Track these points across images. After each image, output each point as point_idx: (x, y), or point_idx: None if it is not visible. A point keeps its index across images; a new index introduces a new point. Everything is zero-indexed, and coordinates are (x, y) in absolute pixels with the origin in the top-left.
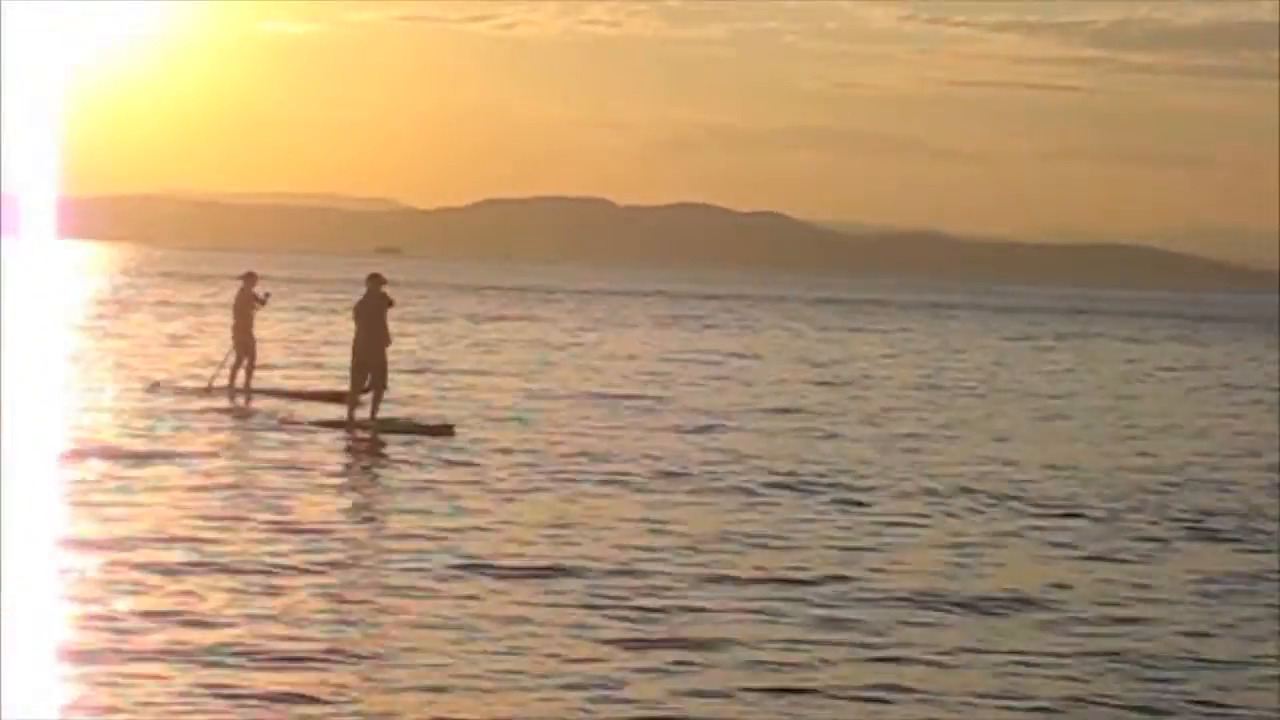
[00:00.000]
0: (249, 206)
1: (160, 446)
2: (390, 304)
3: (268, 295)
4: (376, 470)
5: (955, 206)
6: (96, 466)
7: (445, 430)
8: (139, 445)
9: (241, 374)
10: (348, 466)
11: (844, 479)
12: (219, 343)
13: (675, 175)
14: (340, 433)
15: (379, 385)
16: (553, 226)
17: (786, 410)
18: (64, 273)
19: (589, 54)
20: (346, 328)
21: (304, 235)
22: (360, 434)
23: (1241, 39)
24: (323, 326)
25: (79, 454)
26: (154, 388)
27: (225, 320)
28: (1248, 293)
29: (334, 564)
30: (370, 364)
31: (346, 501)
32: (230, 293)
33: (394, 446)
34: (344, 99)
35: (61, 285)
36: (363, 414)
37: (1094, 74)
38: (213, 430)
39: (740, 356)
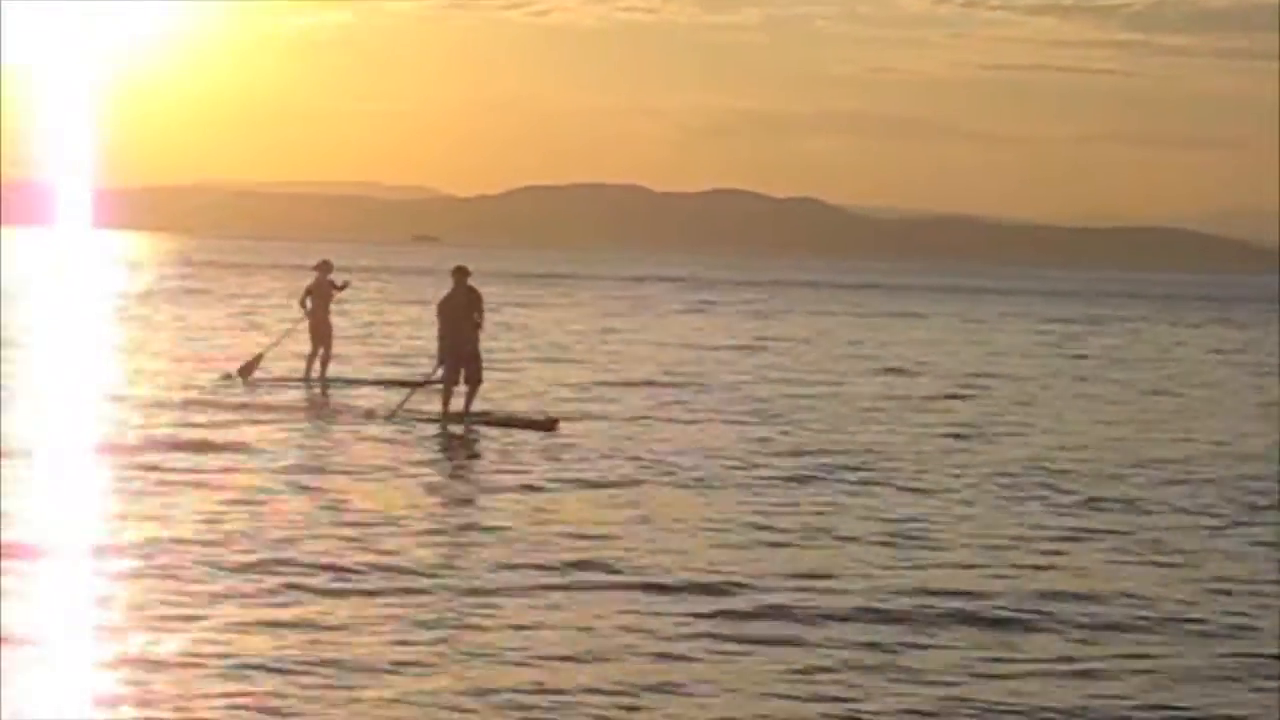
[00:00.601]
0: (286, 195)
1: (248, 439)
2: (477, 296)
3: (346, 283)
4: (481, 467)
5: (989, 190)
6: (185, 459)
7: (549, 424)
8: (227, 437)
9: (317, 364)
10: (452, 462)
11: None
12: (277, 331)
13: (711, 162)
14: (435, 428)
15: (474, 380)
16: (589, 214)
17: (876, 407)
18: (111, 263)
19: (624, 41)
20: (400, 315)
21: (342, 224)
22: (455, 428)
23: (1277, 21)
24: (371, 315)
25: (166, 445)
26: (228, 378)
27: (280, 309)
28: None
29: (445, 567)
30: (462, 358)
31: (455, 499)
32: (272, 281)
33: (496, 441)
34: (379, 89)
35: (111, 275)
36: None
37: (1129, 57)
38: (301, 422)
39: (801, 341)
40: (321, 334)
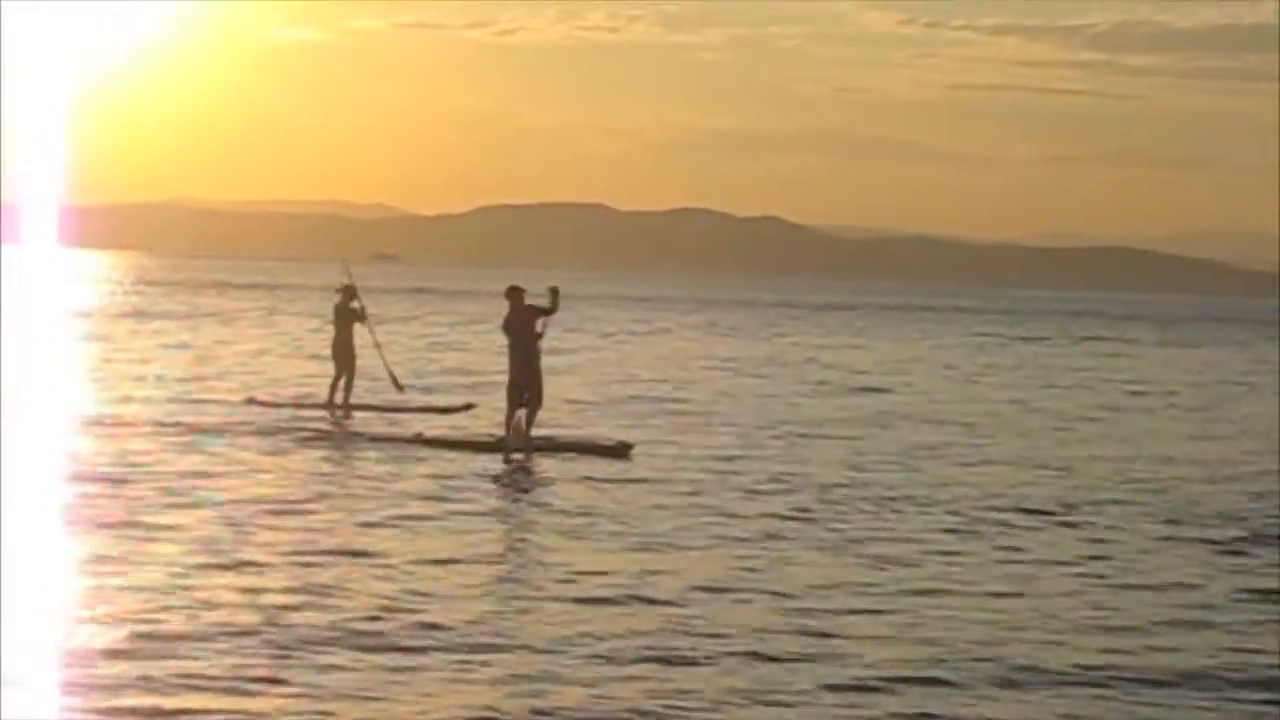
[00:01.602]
0: (253, 214)
1: (293, 468)
2: (536, 314)
3: (362, 309)
4: (548, 498)
5: (956, 210)
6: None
7: (621, 450)
8: (278, 468)
9: (340, 389)
10: (512, 492)
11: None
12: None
13: (675, 180)
14: (496, 455)
15: (535, 403)
16: (553, 232)
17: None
18: (81, 281)
19: (588, 59)
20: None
21: (306, 243)
22: (516, 455)
23: (1243, 41)
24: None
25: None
26: (251, 402)
27: (275, 332)
28: (1253, 297)
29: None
30: (525, 380)
31: (525, 537)
32: (246, 303)
33: (561, 467)
34: (346, 106)
35: (84, 293)
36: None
37: (1095, 77)
38: (338, 449)
39: (803, 364)
40: (344, 358)
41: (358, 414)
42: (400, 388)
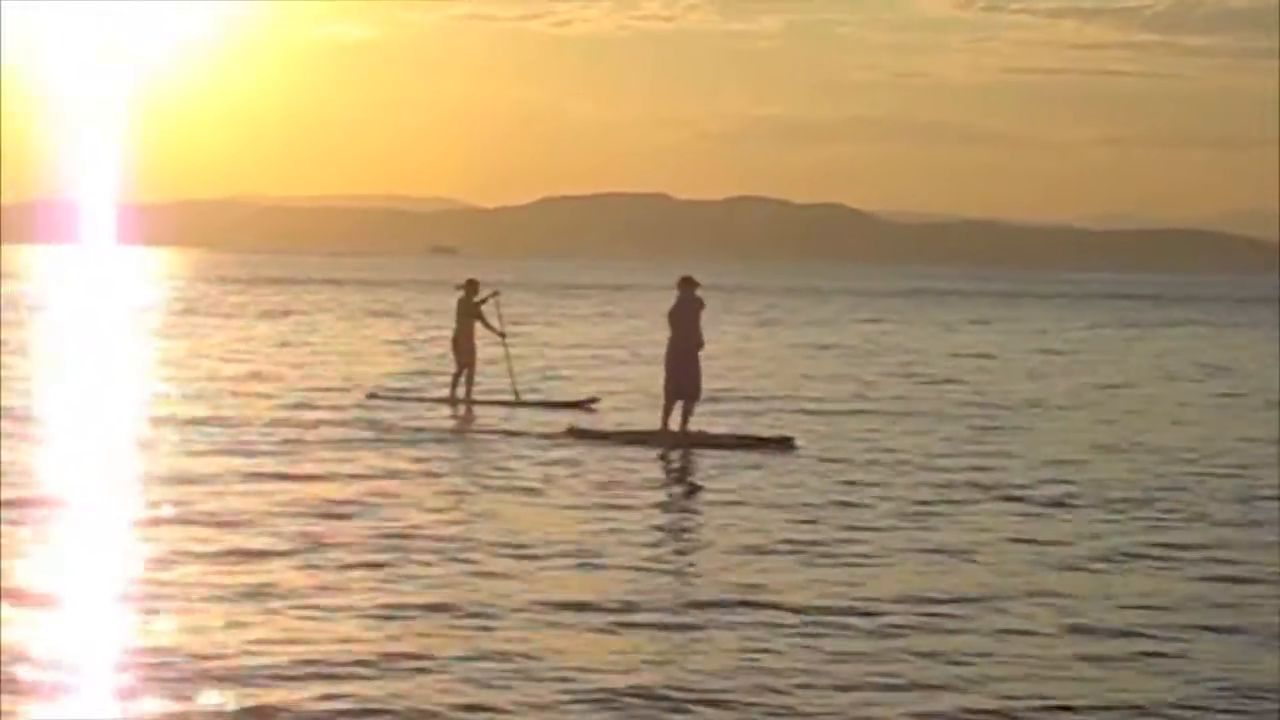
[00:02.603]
0: (314, 209)
1: (433, 463)
2: (702, 307)
3: (496, 293)
4: (711, 493)
5: (1015, 194)
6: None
7: (784, 443)
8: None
9: (462, 384)
10: (676, 487)
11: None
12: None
13: (733, 169)
14: (651, 448)
15: (692, 395)
16: (613, 223)
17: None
18: (150, 279)
19: (644, 49)
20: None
21: (369, 237)
22: (675, 449)
23: None
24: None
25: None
26: (373, 397)
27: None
28: None
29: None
30: (682, 374)
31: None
32: (315, 296)
33: (722, 461)
34: (404, 100)
35: (156, 291)
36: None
37: (1152, 58)
38: (480, 444)
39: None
40: (465, 353)
41: (479, 409)
42: (517, 397)
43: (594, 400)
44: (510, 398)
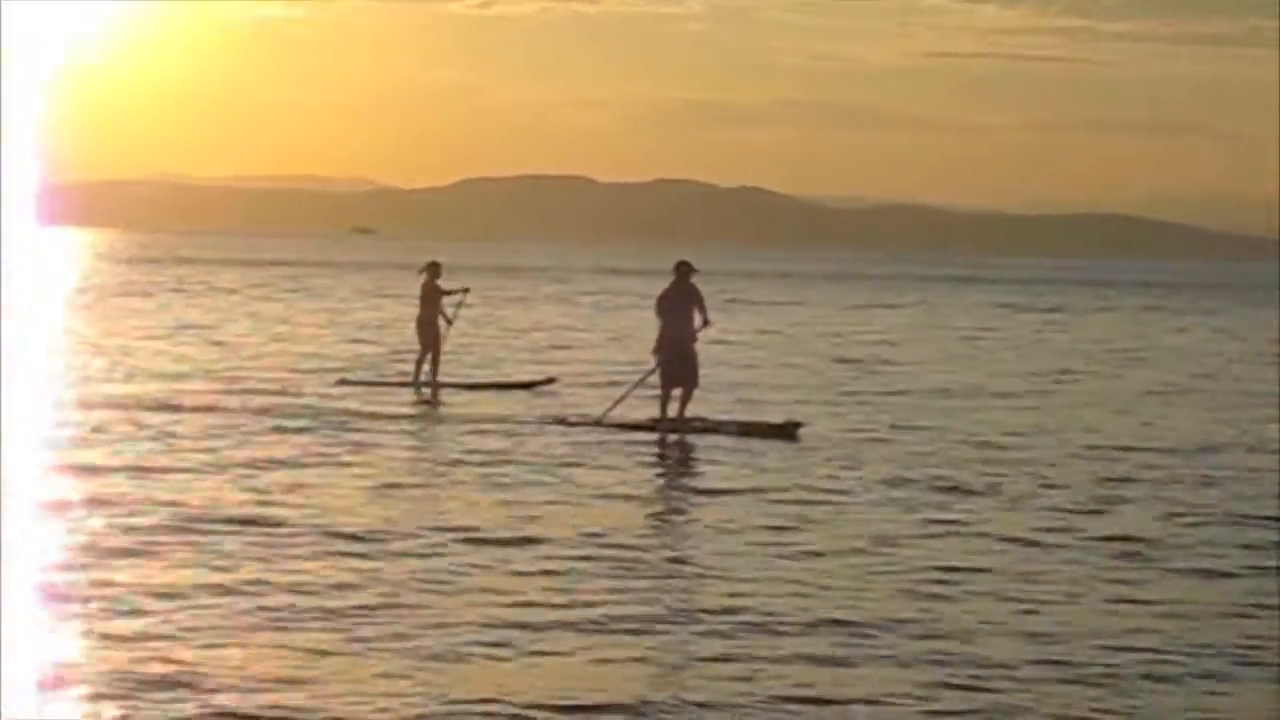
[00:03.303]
0: (231, 189)
1: (433, 451)
2: (699, 296)
3: (466, 290)
4: (715, 483)
5: (938, 179)
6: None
7: (788, 430)
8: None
9: (425, 368)
10: (674, 476)
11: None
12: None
13: (656, 152)
14: (651, 435)
15: (690, 382)
16: (534, 205)
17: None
18: (70, 260)
19: (566, 31)
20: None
21: (287, 217)
22: (672, 436)
23: (1219, 6)
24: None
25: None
26: (343, 383)
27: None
28: (1236, 261)
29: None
30: (677, 362)
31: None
32: (227, 279)
33: (723, 450)
34: (324, 81)
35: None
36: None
37: (1073, 43)
38: (475, 431)
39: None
40: (429, 337)
41: (444, 392)
42: (433, 379)
43: (551, 380)
44: (473, 378)
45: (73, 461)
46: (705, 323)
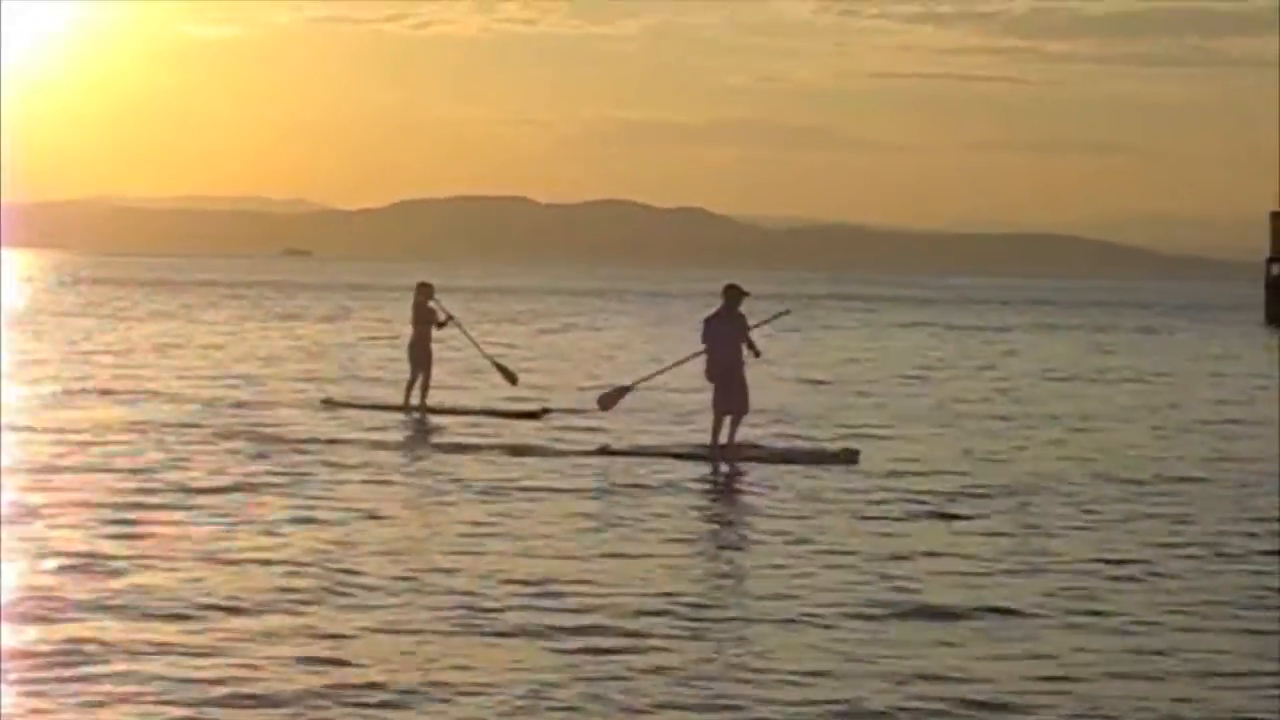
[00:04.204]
0: (171, 210)
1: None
2: (744, 322)
3: (449, 319)
4: (772, 521)
5: (878, 199)
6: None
7: (848, 456)
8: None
9: (416, 391)
10: (728, 512)
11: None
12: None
13: (595, 172)
14: (703, 465)
15: (740, 408)
16: (472, 225)
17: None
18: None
19: (504, 52)
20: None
21: (226, 238)
22: (726, 466)
23: (1158, 25)
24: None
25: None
26: (329, 404)
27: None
28: (1173, 281)
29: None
30: (727, 387)
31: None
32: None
33: (784, 478)
34: (263, 101)
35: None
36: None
37: (1013, 63)
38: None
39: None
40: (420, 359)
41: (436, 417)
42: (514, 379)
43: (546, 411)
44: (464, 403)
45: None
46: (755, 353)
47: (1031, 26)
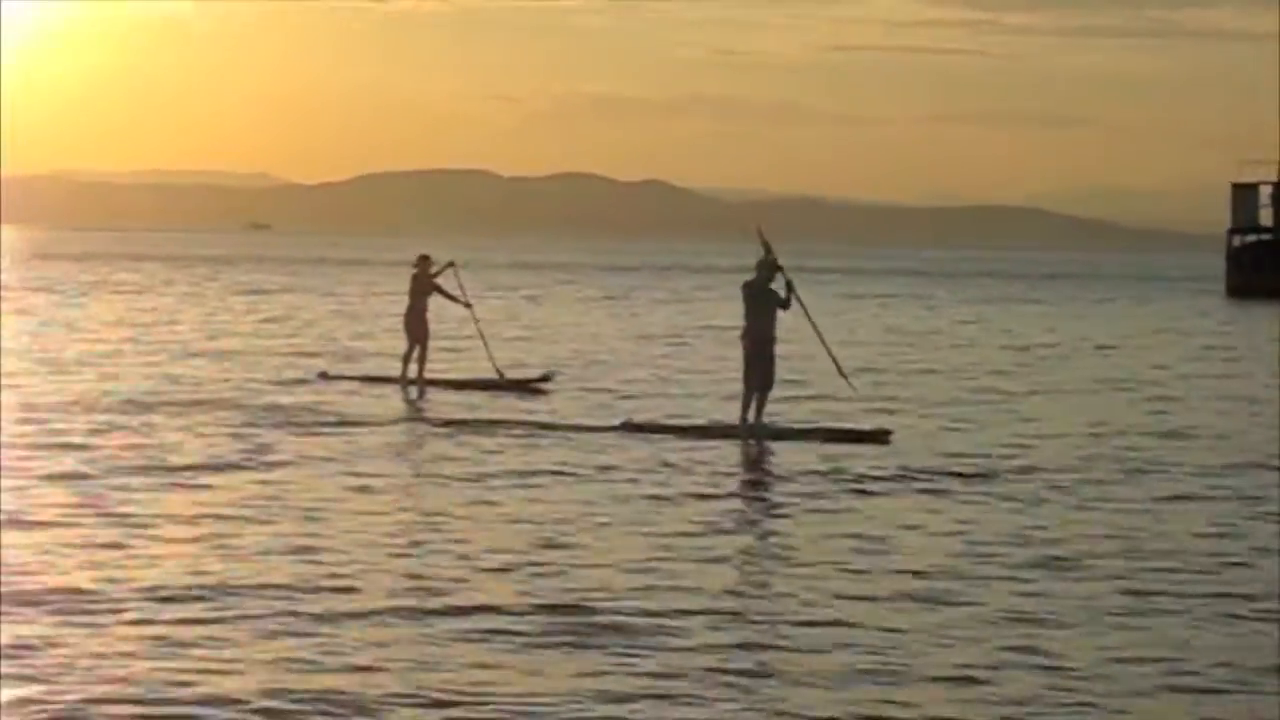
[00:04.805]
0: (133, 185)
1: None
2: (783, 296)
3: (451, 264)
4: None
5: (839, 171)
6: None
7: (879, 436)
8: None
9: (413, 365)
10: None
11: None
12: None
13: (558, 146)
14: (729, 441)
15: (766, 383)
16: (436, 199)
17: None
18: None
19: (466, 26)
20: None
21: (188, 212)
22: (752, 441)
23: None
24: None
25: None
26: (324, 376)
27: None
28: (1136, 252)
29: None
30: (760, 357)
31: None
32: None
33: (811, 457)
34: (226, 76)
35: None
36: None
37: (973, 36)
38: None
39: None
40: (418, 332)
41: (434, 389)
42: (501, 375)
43: (548, 378)
44: (461, 376)
45: None
46: (786, 304)
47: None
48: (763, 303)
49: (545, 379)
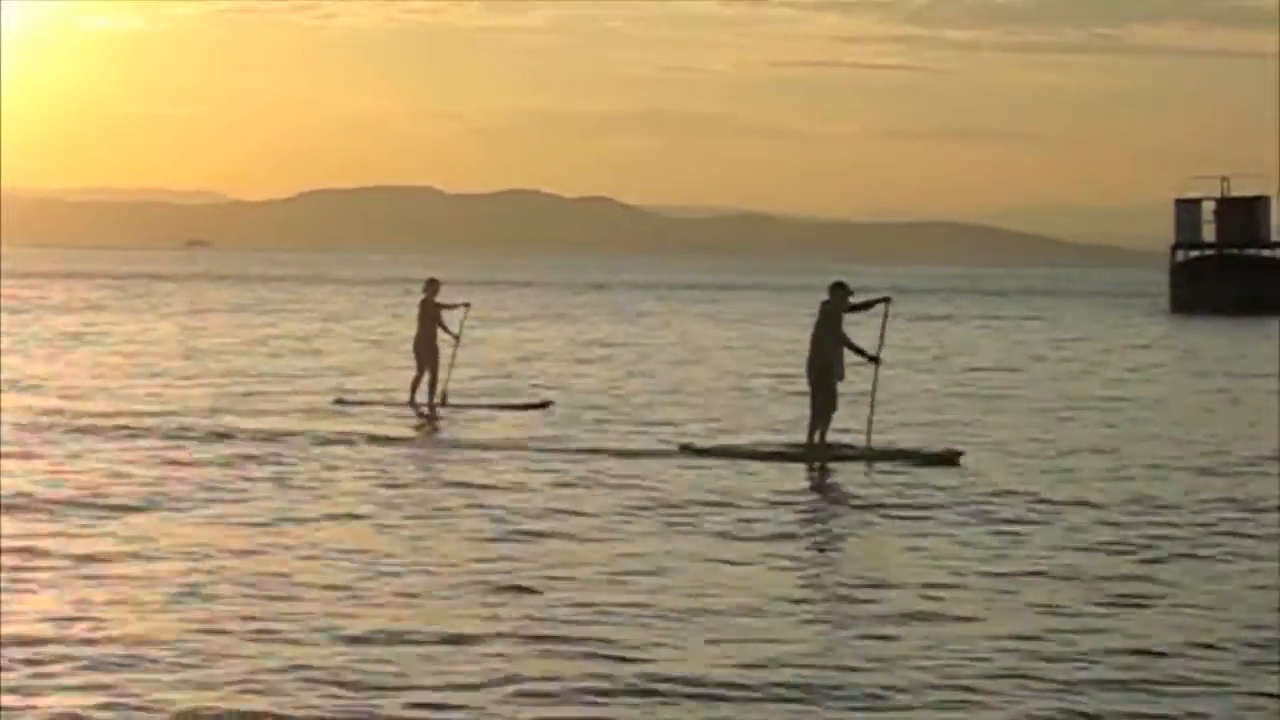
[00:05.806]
0: (75, 203)
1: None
2: (850, 308)
3: (466, 305)
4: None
5: (784, 187)
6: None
7: (949, 458)
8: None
9: (423, 389)
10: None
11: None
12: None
13: (503, 163)
14: (801, 465)
15: (828, 405)
16: (380, 215)
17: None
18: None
19: (410, 43)
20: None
21: (131, 230)
22: (818, 464)
23: (1061, 14)
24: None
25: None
26: (339, 402)
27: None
28: (1079, 268)
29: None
30: (823, 377)
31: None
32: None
33: (884, 481)
34: (169, 93)
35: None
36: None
37: (916, 52)
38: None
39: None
40: (427, 356)
41: (443, 412)
42: (444, 401)
43: (547, 404)
44: (470, 399)
45: None
46: (869, 358)
47: (933, 15)
48: (829, 332)
49: (546, 404)
